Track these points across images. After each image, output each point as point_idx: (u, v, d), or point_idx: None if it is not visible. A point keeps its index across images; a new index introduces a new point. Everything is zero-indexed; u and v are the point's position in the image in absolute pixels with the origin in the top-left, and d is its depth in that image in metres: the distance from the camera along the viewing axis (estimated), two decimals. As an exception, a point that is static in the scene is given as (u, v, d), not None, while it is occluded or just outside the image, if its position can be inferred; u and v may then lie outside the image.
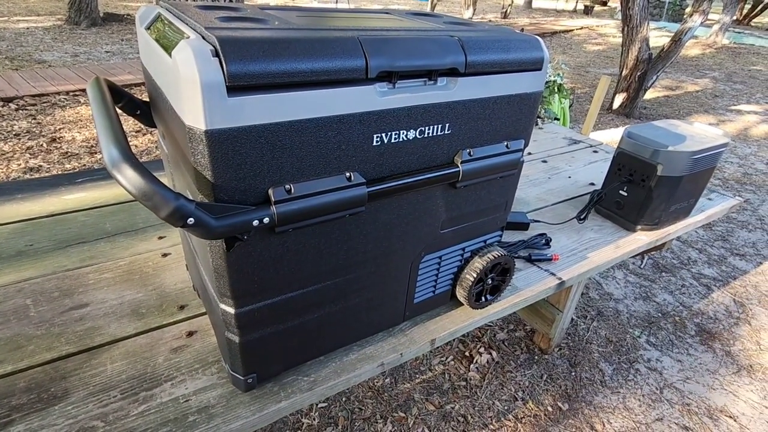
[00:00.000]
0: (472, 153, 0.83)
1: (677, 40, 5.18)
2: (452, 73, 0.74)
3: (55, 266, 1.14)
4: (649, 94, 6.21)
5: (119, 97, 0.85)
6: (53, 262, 1.15)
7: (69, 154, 3.29)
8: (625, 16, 5.42)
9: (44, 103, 4.03)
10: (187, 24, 0.65)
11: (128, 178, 0.54)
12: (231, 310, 0.73)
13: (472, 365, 1.94)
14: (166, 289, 1.10)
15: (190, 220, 0.57)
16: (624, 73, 5.47)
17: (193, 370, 0.89)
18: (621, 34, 5.59)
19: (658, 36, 10.24)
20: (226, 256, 0.65)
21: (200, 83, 0.53)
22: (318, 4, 12.16)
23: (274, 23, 0.67)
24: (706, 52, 9.97)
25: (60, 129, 3.62)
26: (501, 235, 1.07)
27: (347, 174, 0.70)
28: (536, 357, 2.00)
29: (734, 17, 12.32)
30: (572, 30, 11.67)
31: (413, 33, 0.73)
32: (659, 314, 2.35)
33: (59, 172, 3.02)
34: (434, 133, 0.76)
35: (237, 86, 0.55)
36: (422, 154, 0.78)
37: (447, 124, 0.77)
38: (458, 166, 0.82)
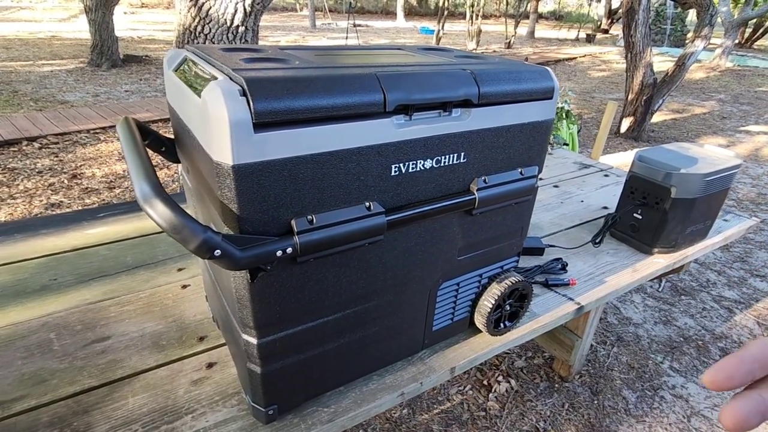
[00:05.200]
0: (487, 180, 0.85)
1: (681, 65, 5.24)
2: (466, 104, 0.76)
3: (78, 300, 1.16)
4: (657, 118, 6.23)
5: (146, 134, 0.89)
6: (76, 295, 1.18)
7: (89, 189, 3.38)
8: (628, 43, 5.52)
9: (66, 141, 4.17)
10: (214, 66, 0.68)
11: (159, 212, 0.57)
12: (253, 341, 0.73)
13: (490, 394, 1.89)
14: (185, 320, 1.11)
15: (217, 252, 0.59)
16: (630, 97, 5.52)
17: (214, 402, 0.89)
18: (624, 60, 5.68)
19: (661, 61, 10.37)
20: (250, 286, 0.67)
21: (229, 121, 0.56)
22: (327, 41, 12.58)
23: (294, 63, 0.71)
24: (711, 75, 10.05)
25: (81, 166, 3.74)
26: (518, 261, 1.07)
27: (366, 204, 0.72)
28: (556, 385, 1.96)
29: (736, 40, 12.46)
30: (576, 57, 11.88)
31: (427, 67, 0.76)
32: (681, 339, 2.29)
33: (80, 207, 3.11)
34: (450, 162, 0.79)
35: (262, 123, 0.58)
36: (439, 183, 0.79)
37: (462, 153, 0.79)
38: (474, 194, 0.83)
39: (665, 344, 2.25)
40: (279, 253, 0.65)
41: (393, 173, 0.73)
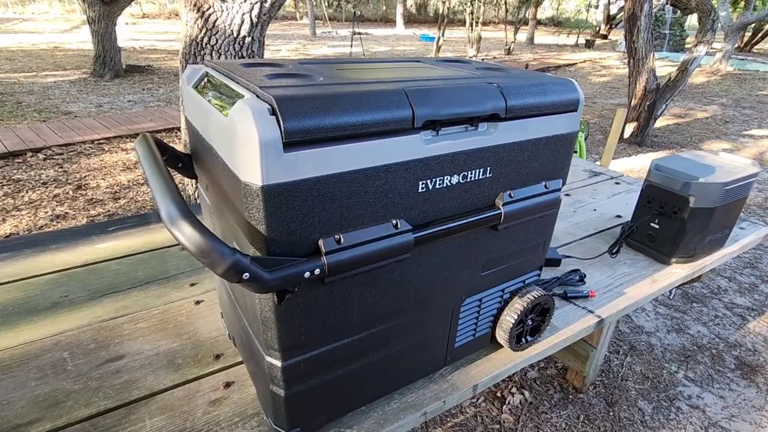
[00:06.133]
0: (512, 195, 0.83)
1: (684, 70, 5.25)
2: (493, 118, 0.75)
3: (90, 317, 1.14)
4: (660, 123, 6.23)
5: (163, 151, 0.87)
6: (88, 313, 1.16)
7: (94, 200, 3.37)
8: (631, 49, 5.53)
9: (70, 152, 4.17)
10: (238, 83, 0.67)
11: (187, 235, 0.55)
12: (278, 363, 0.71)
13: (504, 406, 1.86)
14: (200, 337, 1.09)
15: (246, 275, 0.57)
16: (633, 103, 5.52)
17: (233, 424, 0.87)
18: (625, 66, 5.68)
19: (661, 66, 10.39)
20: (276, 308, 0.65)
21: (258, 141, 0.54)
22: (328, 50, 12.63)
23: (319, 78, 0.69)
24: (712, 79, 10.07)
25: (85, 177, 3.73)
26: (539, 274, 1.06)
27: (394, 221, 0.70)
28: (571, 396, 1.92)
29: (736, 44, 12.50)
30: (576, 63, 11.92)
31: (453, 82, 0.75)
32: (695, 347, 2.26)
33: (85, 218, 3.09)
34: (476, 177, 0.77)
35: (292, 142, 0.57)
36: (465, 198, 0.78)
37: (488, 168, 0.78)
38: (500, 209, 0.82)
39: (679, 353, 2.21)
40: (307, 274, 0.63)
41: (420, 190, 0.71)
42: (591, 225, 1.72)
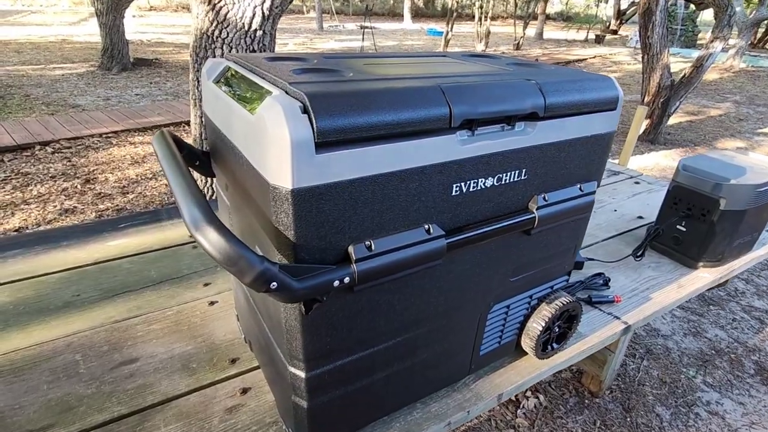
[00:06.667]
0: (547, 198, 0.79)
1: (699, 66, 5.15)
2: (531, 117, 0.70)
3: (103, 318, 1.11)
4: (672, 120, 6.13)
5: (180, 148, 0.84)
6: (101, 313, 1.13)
7: (102, 194, 3.35)
8: (645, 45, 5.43)
9: (78, 145, 4.15)
10: (264, 78, 0.63)
11: (212, 241, 0.51)
12: (302, 374, 0.68)
13: (519, 410, 1.82)
14: (215, 340, 1.06)
15: (273, 285, 0.53)
16: (646, 99, 5.43)
17: (251, 433, 0.84)
18: (636, 62, 5.59)
19: (673, 62, 10.23)
20: (302, 318, 0.61)
21: (290, 141, 0.50)
22: (336, 44, 12.55)
23: (349, 74, 0.65)
24: (725, 76, 9.91)
25: (94, 170, 3.71)
26: (567, 280, 1.01)
27: (426, 226, 0.66)
28: (586, 401, 1.88)
29: (749, 41, 12.31)
30: (586, 59, 11.76)
31: (489, 78, 0.71)
32: (713, 352, 2.21)
33: (93, 213, 3.07)
34: (511, 180, 0.73)
35: (325, 142, 0.53)
36: (498, 202, 0.74)
37: (524, 170, 0.73)
38: (534, 212, 0.77)
39: (697, 357, 2.16)
40: (336, 283, 0.59)
41: (454, 193, 0.67)
42: (612, 226, 1.67)
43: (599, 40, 15.93)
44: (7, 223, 2.90)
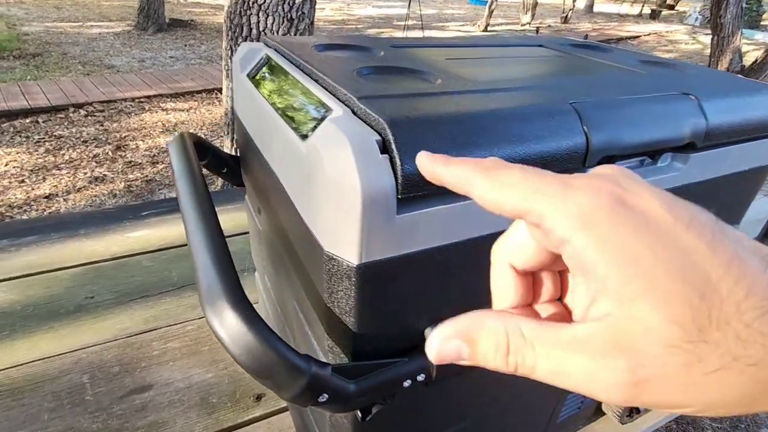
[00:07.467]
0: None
1: (777, 51, 4.63)
2: (684, 148, 0.50)
3: (116, 329, 0.99)
4: (738, 110, 5.60)
5: (204, 152, 0.67)
6: (114, 322, 1.01)
7: (133, 163, 3.27)
8: (716, 25, 4.91)
9: (111, 109, 4.08)
10: (318, 83, 0.44)
11: (234, 335, 0.35)
12: (346, 471, 0.52)
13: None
14: (238, 368, 0.91)
15: (323, 397, 0.37)
16: (713, 86, 4.95)
17: (277, 501, 0.70)
18: (694, 42, 5.08)
19: (740, 43, 9.34)
20: (355, 424, 0.45)
21: (361, 196, 0.32)
22: (373, 10, 12.07)
23: (437, 80, 0.46)
24: (798, 61, 9.01)
25: (125, 137, 3.63)
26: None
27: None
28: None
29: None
30: (639, 36, 10.92)
31: (629, 89, 0.50)
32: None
33: (123, 183, 3.00)
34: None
35: (411, 197, 0.34)
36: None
37: (662, 219, 0.53)
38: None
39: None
40: (407, 383, 0.42)
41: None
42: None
43: (654, 15, 14.77)
44: (39, 188, 2.86)
